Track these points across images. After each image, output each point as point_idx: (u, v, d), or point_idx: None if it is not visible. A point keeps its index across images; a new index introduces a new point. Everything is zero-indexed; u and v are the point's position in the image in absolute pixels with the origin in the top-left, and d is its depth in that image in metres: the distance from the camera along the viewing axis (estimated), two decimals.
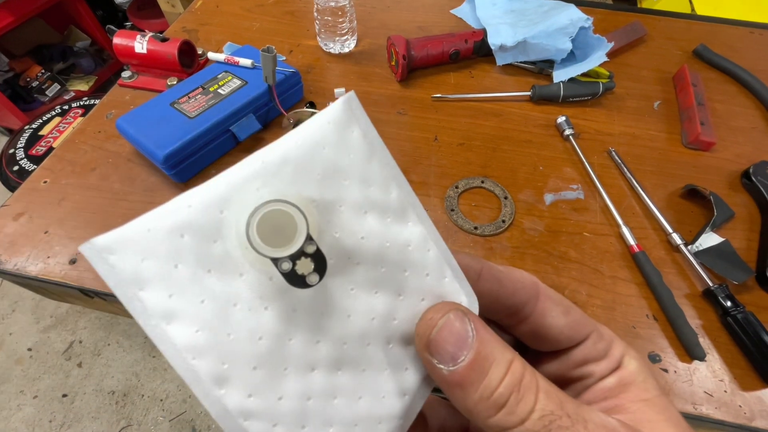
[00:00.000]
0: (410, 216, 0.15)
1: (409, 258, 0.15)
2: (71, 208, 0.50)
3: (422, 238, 0.15)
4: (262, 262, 0.13)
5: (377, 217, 0.15)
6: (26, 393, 1.26)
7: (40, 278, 0.44)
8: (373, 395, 0.15)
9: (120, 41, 0.60)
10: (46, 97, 1.68)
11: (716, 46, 0.71)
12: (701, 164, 0.57)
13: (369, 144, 0.15)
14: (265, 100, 0.56)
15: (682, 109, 0.63)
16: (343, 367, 0.14)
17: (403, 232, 0.15)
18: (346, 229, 0.14)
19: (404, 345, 0.15)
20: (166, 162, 0.48)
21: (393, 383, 0.15)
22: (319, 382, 0.14)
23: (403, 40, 0.62)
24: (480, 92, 0.64)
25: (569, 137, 0.58)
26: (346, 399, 0.14)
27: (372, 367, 0.15)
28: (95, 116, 0.60)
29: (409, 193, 0.15)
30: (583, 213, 0.51)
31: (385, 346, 0.15)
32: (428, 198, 0.52)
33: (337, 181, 0.14)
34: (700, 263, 0.45)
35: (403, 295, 0.15)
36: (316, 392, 0.14)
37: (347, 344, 0.14)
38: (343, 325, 0.14)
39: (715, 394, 0.39)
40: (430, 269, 0.16)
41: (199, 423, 1.23)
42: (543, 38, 0.62)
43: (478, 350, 0.13)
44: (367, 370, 0.15)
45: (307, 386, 0.14)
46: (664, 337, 0.42)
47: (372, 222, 0.15)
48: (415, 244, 0.15)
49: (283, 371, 0.13)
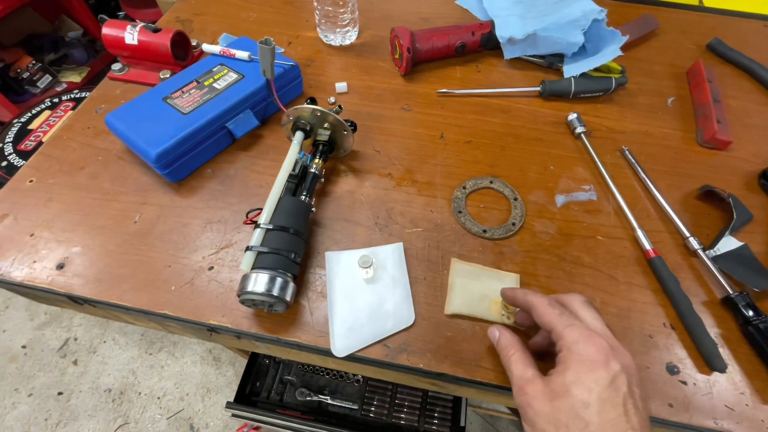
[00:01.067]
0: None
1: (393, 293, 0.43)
2: (59, 209, 0.47)
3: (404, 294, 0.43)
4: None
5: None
6: (21, 391, 1.24)
7: (25, 284, 0.42)
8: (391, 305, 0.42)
9: (109, 32, 0.57)
10: (37, 88, 1.63)
11: (730, 40, 0.69)
12: (717, 164, 0.55)
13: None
14: (263, 95, 0.53)
15: (697, 105, 0.60)
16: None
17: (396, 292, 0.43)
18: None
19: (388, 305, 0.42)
20: (158, 161, 0.46)
21: (392, 306, 0.42)
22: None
23: (407, 31, 0.59)
24: (487, 87, 0.61)
25: (581, 135, 0.55)
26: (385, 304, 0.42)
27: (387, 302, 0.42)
28: (84, 111, 0.57)
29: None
30: (596, 215, 0.49)
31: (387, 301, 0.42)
32: (435, 199, 0.49)
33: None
34: (718, 269, 0.43)
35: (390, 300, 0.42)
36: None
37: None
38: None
39: (737, 408, 0.37)
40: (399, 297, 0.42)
41: (197, 420, 1.22)
42: (554, 31, 0.60)
43: (498, 340, 0.35)
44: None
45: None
46: (682, 347, 0.40)
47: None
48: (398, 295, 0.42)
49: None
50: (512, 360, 0.32)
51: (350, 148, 0.51)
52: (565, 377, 0.28)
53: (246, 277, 0.38)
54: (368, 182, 0.51)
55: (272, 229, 0.40)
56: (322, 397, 0.85)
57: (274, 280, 0.37)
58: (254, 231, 0.40)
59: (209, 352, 1.33)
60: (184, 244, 0.45)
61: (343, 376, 0.88)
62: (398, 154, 0.54)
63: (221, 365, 1.31)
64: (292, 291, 0.39)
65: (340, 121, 0.47)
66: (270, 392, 0.87)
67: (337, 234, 0.47)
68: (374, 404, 0.85)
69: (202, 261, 0.44)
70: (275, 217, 0.41)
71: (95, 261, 0.44)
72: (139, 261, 0.44)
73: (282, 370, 0.90)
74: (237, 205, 0.48)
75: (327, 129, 0.48)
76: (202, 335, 0.44)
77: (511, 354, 0.33)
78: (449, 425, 0.83)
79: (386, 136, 0.55)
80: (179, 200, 0.49)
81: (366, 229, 0.47)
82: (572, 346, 0.29)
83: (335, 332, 0.39)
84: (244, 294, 0.37)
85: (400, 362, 0.38)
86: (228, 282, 0.43)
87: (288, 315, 0.41)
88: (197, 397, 1.25)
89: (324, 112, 0.46)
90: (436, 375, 0.38)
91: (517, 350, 0.33)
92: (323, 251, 0.45)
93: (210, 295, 0.42)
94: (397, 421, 0.83)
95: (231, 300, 0.42)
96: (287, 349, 0.42)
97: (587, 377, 0.27)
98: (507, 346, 0.34)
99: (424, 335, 0.40)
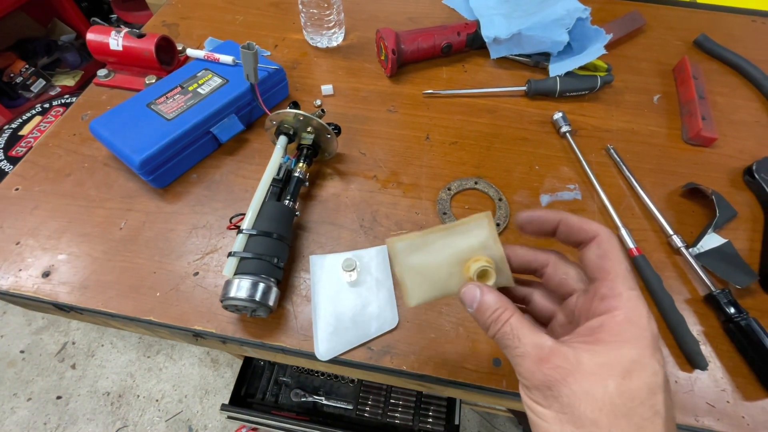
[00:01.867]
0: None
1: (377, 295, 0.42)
2: (44, 216, 0.48)
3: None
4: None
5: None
6: (20, 396, 1.25)
7: (11, 293, 0.42)
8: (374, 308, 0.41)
9: (94, 37, 0.57)
10: (31, 93, 1.63)
11: (717, 36, 0.69)
12: (702, 161, 0.55)
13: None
14: (247, 99, 0.53)
15: (683, 102, 0.60)
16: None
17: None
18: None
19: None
20: (142, 167, 0.46)
21: (376, 308, 0.42)
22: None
23: (392, 33, 0.59)
24: (473, 87, 0.62)
25: (566, 134, 0.55)
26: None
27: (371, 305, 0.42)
28: (70, 118, 0.57)
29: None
30: (580, 215, 0.49)
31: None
32: (419, 201, 0.50)
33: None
34: (701, 266, 0.44)
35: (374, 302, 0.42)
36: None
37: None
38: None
39: (718, 404, 0.37)
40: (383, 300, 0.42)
41: (196, 422, 1.22)
42: (539, 30, 0.60)
43: (480, 303, 0.25)
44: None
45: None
46: (664, 345, 0.40)
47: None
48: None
49: None
50: (513, 325, 0.23)
51: (335, 152, 0.51)
52: (622, 353, 0.21)
53: (229, 282, 0.38)
54: (354, 185, 0.51)
55: (255, 234, 0.40)
56: (317, 397, 0.85)
57: (256, 285, 0.37)
58: (237, 237, 0.40)
59: (207, 354, 1.33)
60: (169, 250, 0.45)
61: (338, 377, 0.89)
62: (384, 156, 0.54)
63: (219, 367, 1.31)
64: (275, 296, 0.39)
65: (323, 125, 0.47)
66: (265, 394, 0.88)
67: (322, 237, 0.47)
68: (369, 404, 0.85)
69: (187, 267, 0.44)
70: (258, 222, 0.41)
71: (81, 268, 0.44)
72: (125, 267, 0.44)
73: (277, 372, 0.90)
74: (222, 210, 0.48)
75: (311, 133, 0.49)
76: (189, 340, 0.44)
77: (506, 317, 0.24)
78: (444, 424, 0.83)
79: (372, 139, 0.56)
80: (165, 206, 0.49)
81: (351, 232, 0.47)
82: (637, 317, 0.22)
83: (319, 336, 0.40)
84: (226, 300, 0.37)
85: (383, 365, 0.39)
86: (213, 287, 0.43)
87: (273, 319, 0.41)
88: (195, 399, 1.26)
89: (306, 116, 0.46)
90: (419, 377, 0.39)
91: (514, 311, 0.24)
92: (308, 255, 0.45)
93: (195, 301, 0.42)
94: (392, 421, 0.83)
95: (216, 305, 0.42)
96: (273, 353, 0.42)
97: (651, 360, 0.21)
98: (496, 307, 0.24)
99: (408, 337, 0.40)
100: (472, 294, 0.25)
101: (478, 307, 0.25)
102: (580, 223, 0.26)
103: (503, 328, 0.24)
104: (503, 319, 0.24)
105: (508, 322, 0.24)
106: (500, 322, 0.24)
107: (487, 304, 0.25)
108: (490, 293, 0.25)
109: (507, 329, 0.23)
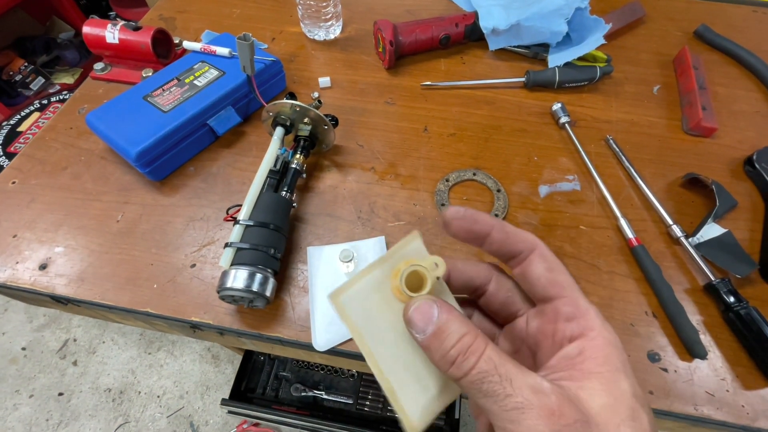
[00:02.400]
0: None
1: None
2: (41, 209, 0.47)
3: None
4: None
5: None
6: (22, 392, 1.25)
7: (8, 285, 0.42)
8: None
9: (90, 31, 0.57)
10: (30, 91, 1.63)
11: (718, 26, 0.68)
12: (702, 151, 0.54)
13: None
14: (244, 91, 0.53)
15: (683, 93, 0.60)
16: None
17: None
18: None
19: None
20: (139, 159, 0.46)
21: None
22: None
23: (389, 24, 0.59)
24: (472, 79, 0.61)
25: (565, 125, 0.55)
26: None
27: None
28: (67, 111, 0.57)
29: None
30: (579, 205, 0.49)
31: None
32: (417, 192, 0.49)
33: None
34: (701, 256, 0.43)
35: None
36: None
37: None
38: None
39: (717, 393, 0.37)
40: None
41: (197, 418, 1.23)
42: (537, 20, 0.59)
43: (438, 325, 0.18)
44: None
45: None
46: (663, 334, 0.40)
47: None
48: None
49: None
50: (494, 360, 0.16)
51: (332, 143, 0.51)
52: (620, 386, 0.17)
53: (225, 273, 0.38)
54: (351, 177, 0.51)
55: (252, 225, 0.40)
56: (317, 392, 0.85)
57: (253, 275, 0.37)
58: (234, 227, 0.40)
59: (208, 350, 1.33)
60: (166, 242, 0.45)
61: (338, 371, 0.89)
62: (381, 148, 0.54)
63: (220, 363, 1.31)
64: (272, 286, 0.39)
65: (321, 116, 0.47)
66: (265, 388, 0.88)
67: (319, 229, 0.47)
68: (369, 398, 0.85)
69: (184, 259, 0.44)
70: (255, 213, 0.41)
71: (78, 261, 0.44)
72: (122, 260, 0.44)
73: (277, 367, 0.90)
74: (219, 202, 0.48)
75: (308, 124, 0.48)
76: (186, 332, 0.44)
77: (480, 348, 0.17)
78: (444, 417, 0.83)
79: (370, 131, 0.55)
80: (162, 199, 0.49)
81: (348, 223, 0.47)
82: (612, 335, 0.19)
83: (316, 327, 0.40)
84: (223, 290, 0.37)
85: None
86: (210, 279, 0.43)
87: (270, 310, 0.41)
88: (197, 395, 1.26)
89: (303, 107, 0.46)
90: None
91: (487, 339, 0.17)
92: (305, 246, 0.45)
93: (192, 293, 0.42)
94: (392, 415, 0.83)
95: (213, 297, 0.42)
96: (271, 345, 0.42)
97: (638, 387, 0.18)
98: (463, 332, 0.17)
99: None
100: (425, 313, 0.18)
101: (436, 332, 0.17)
102: (517, 231, 0.21)
103: (479, 365, 0.16)
104: (476, 350, 0.17)
105: (483, 354, 0.17)
106: (473, 354, 0.17)
107: (451, 328, 0.17)
108: (451, 312, 0.18)
109: (485, 366, 0.16)
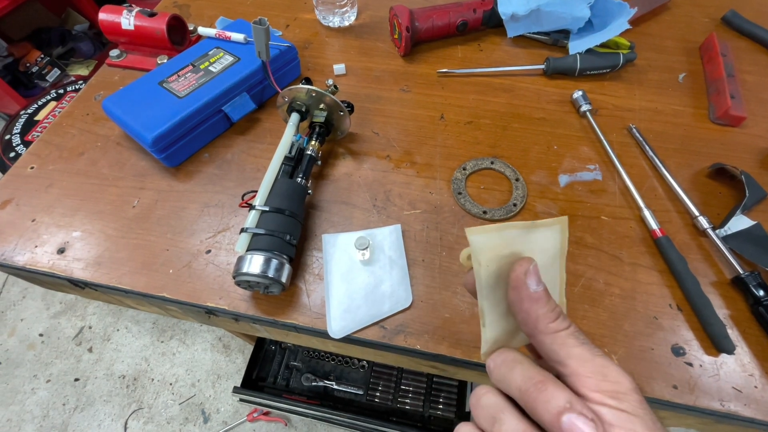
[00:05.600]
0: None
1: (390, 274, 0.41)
2: (59, 194, 0.48)
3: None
4: None
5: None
6: (39, 377, 1.28)
7: (27, 268, 0.43)
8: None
9: (106, 17, 0.57)
10: (46, 82, 1.65)
11: (747, 12, 0.65)
12: (730, 141, 0.52)
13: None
14: (259, 77, 0.53)
15: (710, 81, 0.58)
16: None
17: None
18: None
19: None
20: (154, 145, 0.46)
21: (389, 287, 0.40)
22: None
23: (406, 10, 0.58)
24: (489, 66, 0.60)
25: (586, 113, 0.53)
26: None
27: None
28: (83, 98, 0.57)
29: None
30: (600, 195, 0.47)
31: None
32: (434, 181, 0.48)
33: None
34: (729, 249, 0.42)
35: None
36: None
37: None
38: None
39: (745, 389, 0.36)
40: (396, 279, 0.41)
41: (209, 406, 1.24)
42: (558, 5, 0.57)
43: (544, 288, 0.20)
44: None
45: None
46: (688, 328, 0.39)
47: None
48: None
49: None
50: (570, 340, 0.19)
51: (347, 130, 0.50)
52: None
53: (241, 258, 0.38)
54: (366, 164, 0.50)
55: (267, 211, 0.40)
56: (328, 382, 0.86)
57: (269, 261, 0.37)
58: (249, 213, 0.40)
59: (219, 340, 1.35)
60: (181, 228, 0.45)
61: (348, 361, 0.89)
62: (397, 136, 0.53)
63: (231, 352, 1.33)
64: (287, 272, 0.38)
65: (336, 101, 0.46)
66: (276, 378, 0.88)
67: (334, 217, 0.46)
68: (379, 389, 0.85)
69: (199, 244, 0.44)
70: (270, 199, 0.41)
71: (95, 245, 0.44)
72: (138, 245, 0.44)
73: (288, 356, 0.91)
74: (234, 189, 0.48)
75: (323, 110, 0.48)
76: (201, 318, 0.44)
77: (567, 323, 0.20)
78: (455, 410, 0.83)
79: (385, 118, 0.54)
80: (177, 185, 0.48)
81: (363, 211, 0.46)
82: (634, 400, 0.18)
83: (332, 314, 0.39)
84: (239, 275, 0.37)
85: (396, 344, 0.38)
86: (225, 265, 0.43)
87: (285, 297, 0.41)
88: (208, 383, 1.28)
89: (319, 92, 0.46)
90: (432, 356, 0.38)
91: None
92: (320, 234, 0.45)
93: (207, 278, 0.42)
94: (402, 406, 0.83)
95: (228, 283, 0.41)
96: (285, 332, 0.42)
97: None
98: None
99: (422, 316, 0.39)
100: (538, 273, 0.20)
101: (544, 291, 0.20)
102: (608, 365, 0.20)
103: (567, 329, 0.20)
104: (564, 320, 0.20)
105: (571, 327, 0.20)
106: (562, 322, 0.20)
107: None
108: (495, 396, 0.20)
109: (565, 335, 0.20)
